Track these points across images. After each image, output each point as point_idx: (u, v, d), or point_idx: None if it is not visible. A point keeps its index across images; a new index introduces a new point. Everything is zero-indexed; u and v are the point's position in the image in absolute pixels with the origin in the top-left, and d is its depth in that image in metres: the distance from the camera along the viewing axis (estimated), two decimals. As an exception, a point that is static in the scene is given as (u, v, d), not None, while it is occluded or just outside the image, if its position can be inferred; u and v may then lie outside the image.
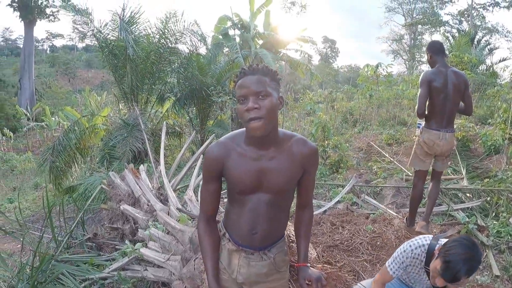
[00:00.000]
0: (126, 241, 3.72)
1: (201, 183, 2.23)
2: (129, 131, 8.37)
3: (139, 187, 4.50)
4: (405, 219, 4.58)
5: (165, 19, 9.93)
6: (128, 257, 3.48)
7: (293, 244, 2.55)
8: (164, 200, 4.29)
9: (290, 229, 2.63)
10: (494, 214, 5.21)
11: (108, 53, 9.69)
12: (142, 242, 3.59)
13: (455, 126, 8.24)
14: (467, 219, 4.74)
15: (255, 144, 1.75)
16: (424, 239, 2.42)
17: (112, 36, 9.68)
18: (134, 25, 9.79)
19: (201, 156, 5.28)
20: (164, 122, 7.07)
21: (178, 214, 3.50)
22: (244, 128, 1.74)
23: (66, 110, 16.10)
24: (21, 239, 4.28)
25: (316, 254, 2.98)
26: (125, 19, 9.42)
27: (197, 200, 4.09)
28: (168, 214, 3.56)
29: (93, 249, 4.71)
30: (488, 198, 5.62)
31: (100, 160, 9.09)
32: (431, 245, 2.34)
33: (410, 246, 2.43)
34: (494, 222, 4.86)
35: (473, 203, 5.43)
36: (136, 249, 3.35)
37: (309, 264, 2.05)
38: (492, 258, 4.09)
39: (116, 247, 4.42)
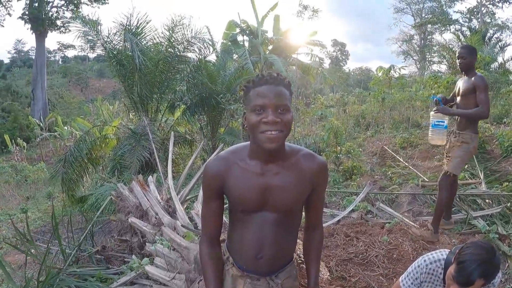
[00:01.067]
0: (133, 256, 3.63)
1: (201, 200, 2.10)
2: (137, 140, 8.38)
3: (147, 199, 4.42)
4: (430, 225, 4.43)
5: (172, 27, 10.00)
6: (135, 272, 3.38)
7: (303, 265, 2.40)
8: (173, 213, 4.20)
9: (299, 247, 2.47)
10: (515, 221, 5.01)
11: (116, 63, 9.73)
12: (149, 256, 3.50)
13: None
14: (487, 228, 4.52)
15: (260, 158, 1.62)
16: (440, 253, 2.22)
17: (119, 46, 9.77)
18: (141, 35, 9.83)
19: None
20: (172, 132, 7.00)
21: (185, 230, 3.39)
22: (247, 142, 1.66)
23: (77, 121, 16.21)
24: (25, 254, 4.20)
25: (328, 274, 2.83)
26: (131, 29, 9.49)
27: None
28: (175, 229, 3.46)
29: (101, 262, 4.60)
30: (509, 204, 5.40)
31: (110, 170, 9.10)
32: (447, 259, 2.13)
33: (425, 260, 2.25)
34: (515, 229, 4.66)
35: (493, 209, 5.19)
36: (142, 265, 3.26)
37: None
38: None
39: (125, 259, 4.32)
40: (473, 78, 4.05)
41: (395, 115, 14.66)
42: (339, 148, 8.13)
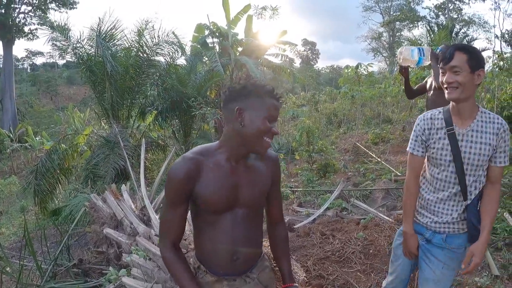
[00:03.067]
0: (110, 268, 3.58)
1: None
2: (111, 148, 8.22)
3: (121, 208, 4.34)
4: None
5: (142, 30, 9.86)
6: (113, 284, 3.32)
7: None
8: (148, 221, 4.12)
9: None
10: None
11: (86, 70, 9.53)
12: (126, 267, 3.44)
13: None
14: None
15: (234, 157, 1.67)
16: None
17: (90, 52, 9.52)
18: (112, 40, 9.68)
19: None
20: (143, 139, 6.93)
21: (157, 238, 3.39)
22: (210, 143, 1.74)
23: (43, 135, 15.89)
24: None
25: (304, 275, 2.85)
26: (102, 34, 9.30)
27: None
28: (150, 239, 3.43)
29: (79, 276, 4.53)
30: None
31: (84, 180, 8.88)
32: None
33: (422, 115, 2.29)
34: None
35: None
36: (119, 276, 3.22)
37: (296, 284, 1.93)
38: (490, 257, 3.96)
39: (103, 271, 4.22)
40: None
41: (366, 111, 14.89)
42: (312, 147, 8.22)
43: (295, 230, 4.47)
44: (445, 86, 2.08)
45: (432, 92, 4.36)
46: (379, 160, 8.50)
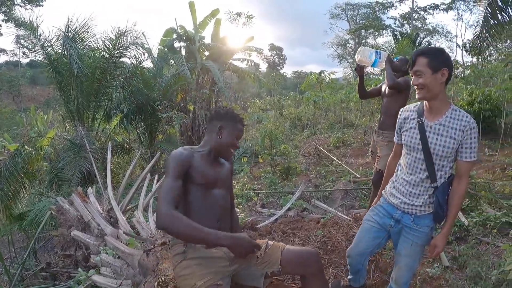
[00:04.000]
0: (79, 269, 3.66)
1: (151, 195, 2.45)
2: (77, 152, 8.17)
3: (88, 211, 4.42)
4: None
5: (110, 32, 9.89)
6: (83, 285, 3.40)
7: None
8: (115, 223, 4.25)
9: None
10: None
11: (53, 70, 9.39)
12: (95, 268, 3.52)
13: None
14: None
15: (212, 156, 2.51)
16: None
17: (57, 52, 9.42)
18: (80, 42, 9.59)
19: (149, 174, 5.29)
20: (109, 142, 6.99)
21: (127, 238, 3.52)
22: (197, 146, 2.54)
23: (6, 137, 15.43)
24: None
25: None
26: (70, 35, 9.21)
27: (146, 222, 4.12)
28: (118, 238, 3.56)
29: (48, 279, 4.56)
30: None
31: (48, 184, 8.75)
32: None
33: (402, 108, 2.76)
34: (441, 215, 5.18)
35: None
36: (90, 276, 3.32)
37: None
38: None
39: (71, 274, 4.24)
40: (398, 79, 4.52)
41: (330, 116, 15.26)
42: (274, 150, 8.42)
43: (258, 229, 4.66)
44: (414, 88, 2.42)
45: (386, 99, 4.70)
46: (339, 162, 8.82)
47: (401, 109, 2.70)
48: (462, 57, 32.29)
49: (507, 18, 5.99)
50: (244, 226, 4.77)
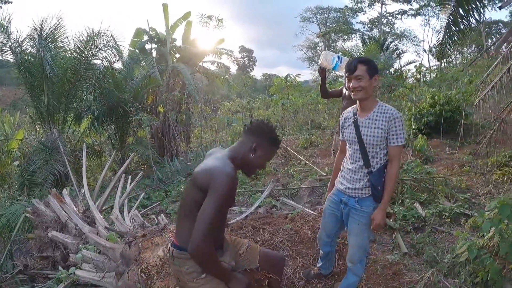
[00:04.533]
0: (60, 268, 3.79)
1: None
2: (49, 154, 8.13)
3: (65, 211, 4.53)
4: None
5: (83, 34, 9.78)
6: (64, 283, 3.51)
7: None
8: (91, 222, 4.37)
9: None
10: (400, 201, 6.00)
11: (24, 71, 9.16)
12: (75, 266, 3.64)
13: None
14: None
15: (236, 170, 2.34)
16: None
17: (30, 52, 9.25)
18: (53, 42, 9.51)
19: (123, 175, 5.44)
20: (84, 144, 7.05)
21: (106, 233, 3.69)
22: (231, 157, 2.32)
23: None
24: None
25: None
26: (43, 35, 9.12)
27: (123, 219, 4.29)
28: (97, 235, 3.74)
29: (26, 282, 4.56)
30: (394, 188, 6.36)
31: (19, 187, 8.66)
32: None
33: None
34: (400, 208, 5.64)
35: None
36: (70, 274, 3.43)
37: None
38: (400, 239, 4.78)
39: (49, 276, 4.32)
40: None
41: (299, 118, 15.59)
42: None
43: (229, 225, 4.91)
44: (351, 89, 2.87)
45: (345, 101, 5.04)
46: (307, 162, 9.15)
47: (343, 113, 3.18)
48: (428, 61, 33.42)
49: (468, 25, 6.41)
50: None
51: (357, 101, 2.97)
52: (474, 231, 4.77)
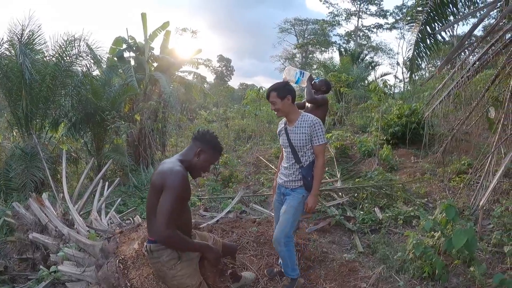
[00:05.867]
0: (41, 267, 4.02)
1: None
2: (28, 160, 8.25)
3: (45, 214, 4.73)
4: None
5: (63, 40, 9.87)
6: (45, 281, 3.74)
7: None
8: (70, 225, 4.60)
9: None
10: (361, 206, 6.47)
11: (2, 76, 9.18)
12: (55, 265, 3.84)
13: (334, 136, 9.73)
14: (335, 212, 5.93)
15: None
16: None
17: (6, 56, 9.27)
18: (30, 46, 9.50)
19: (101, 181, 5.71)
20: (63, 150, 7.23)
21: (86, 233, 3.99)
22: (181, 160, 2.74)
23: None
24: None
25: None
26: (23, 40, 9.15)
27: (101, 220, 4.58)
28: (78, 233, 4.02)
29: (6, 282, 4.70)
30: (356, 194, 6.84)
31: (-4, 192, 8.72)
32: None
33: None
34: (361, 212, 6.12)
35: (342, 199, 6.65)
36: (52, 272, 3.69)
37: None
38: (357, 239, 5.26)
39: (29, 277, 4.54)
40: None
41: (274, 128, 15.97)
42: None
43: (200, 229, 5.24)
44: (274, 111, 3.67)
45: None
46: (277, 171, 9.51)
47: (279, 122, 3.95)
48: (402, 73, 34.36)
49: (435, 42, 6.91)
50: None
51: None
52: (425, 232, 5.22)
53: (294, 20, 47.71)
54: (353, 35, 45.85)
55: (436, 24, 6.62)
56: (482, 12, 5.53)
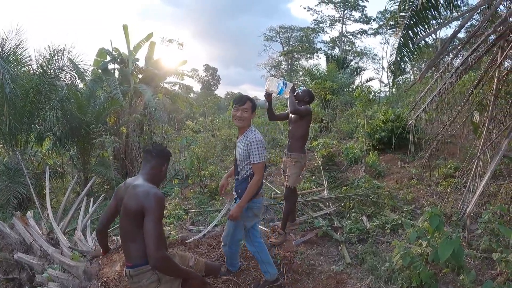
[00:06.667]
0: (26, 287, 3.99)
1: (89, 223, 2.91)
2: (12, 176, 8.18)
3: (30, 234, 4.71)
4: (280, 230, 5.47)
5: (47, 55, 9.82)
6: None
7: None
8: (55, 244, 4.58)
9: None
10: (348, 215, 6.43)
11: None
12: (41, 286, 3.84)
13: (320, 144, 9.74)
14: (322, 223, 5.85)
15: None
16: None
17: None
18: (14, 62, 9.52)
19: (86, 197, 5.65)
20: (47, 166, 7.14)
21: (70, 253, 3.94)
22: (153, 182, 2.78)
23: None
24: None
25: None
26: (4, 54, 9.12)
27: (86, 239, 4.53)
28: (62, 255, 3.98)
29: None
30: (343, 203, 6.83)
31: (-20, 209, 8.59)
32: None
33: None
34: (348, 221, 6.06)
35: (329, 209, 6.62)
36: None
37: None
38: (345, 250, 5.20)
39: None
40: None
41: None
42: (203, 172, 8.84)
43: (187, 244, 5.20)
44: (236, 117, 3.73)
45: (291, 125, 5.47)
46: (264, 181, 9.45)
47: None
48: (387, 77, 34.66)
49: (417, 46, 6.98)
50: (175, 242, 5.27)
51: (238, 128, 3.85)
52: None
53: (279, 28, 47.93)
54: (337, 42, 46.19)
55: (418, 28, 6.70)
56: (464, 17, 5.59)
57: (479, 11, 5.99)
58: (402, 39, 6.84)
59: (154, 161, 2.85)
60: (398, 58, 7.09)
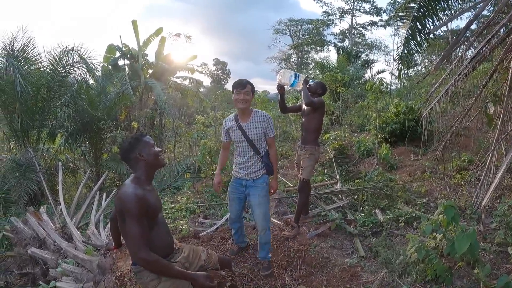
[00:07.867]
0: (40, 282, 3.99)
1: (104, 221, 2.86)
2: (23, 172, 8.20)
3: (43, 229, 4.73)
4: (294, 224, 5.45)
5: (58, 51, 9.82)
6: None
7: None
8: (69, 238, 4.58)
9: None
10: (361, 208, 6.38)
11: None
12: (55, 280, 3.80)
13: (332, 137, 9.62)
14: (335, 216, 5.83)
15: (148, 182, 2.72)
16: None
17: (1, 69, 9.09)
18: (24, 60, 9.52)
19: (98, 192, 5.66)
20: (59, 162, 7.17)
21: (83, 248, 3.95)
22: (136, 182, 2.62)
23: None
24: None
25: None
26: (14, 53, 9.14)
27: (99, 233, 4.54)
28: (75, 249, 3.99)
29: None
30: (356, 196, 6.79)
31: (-5, 206, 8.67)
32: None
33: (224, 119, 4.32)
34: (362, 214, 6.03)
35: (342, 202, 6.56)
36: (51, 287, 3.64)
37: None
38: (359, 243, 5.18)
39: None
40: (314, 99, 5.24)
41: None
42: (214, 165, 8.74)
43: (200, 238, 5.20)
44: (239, 101, 3.91)
45: (305, 118, 5.42)
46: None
47: (224, 120, 4.30)
48: (397, 69, 34.32)
49: (425, 38, 6.87)
50: (188, 236, 5.28)
51: (238, 111, 4.09)
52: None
53: (288, 21, 47.56)
54: (347, 34, 45.85)
55: (426, 20, 6.58)
56: (478, 8, 5.49)
57: (492, 1, 5.86)
58: (410, 31, 6.73)
59: (129, 163, 2.76)
60: (405, 51, 6.99)
